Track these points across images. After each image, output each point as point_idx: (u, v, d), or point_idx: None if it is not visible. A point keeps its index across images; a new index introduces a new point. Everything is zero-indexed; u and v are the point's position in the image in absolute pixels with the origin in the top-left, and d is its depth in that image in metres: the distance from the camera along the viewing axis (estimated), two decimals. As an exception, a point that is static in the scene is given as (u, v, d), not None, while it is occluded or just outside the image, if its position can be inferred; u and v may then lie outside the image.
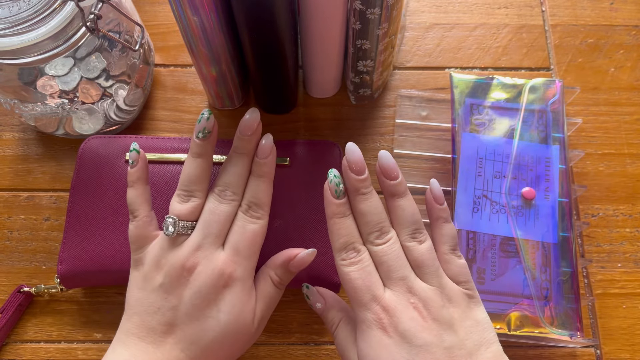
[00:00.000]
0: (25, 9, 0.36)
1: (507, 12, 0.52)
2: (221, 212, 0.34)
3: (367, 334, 0.31)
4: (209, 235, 0.33)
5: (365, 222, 0.32)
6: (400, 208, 0.33)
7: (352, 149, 0.32)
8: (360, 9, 0.36)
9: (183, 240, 0.34)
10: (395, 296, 0.31)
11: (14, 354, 0.41)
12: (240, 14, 0.36)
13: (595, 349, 0.41)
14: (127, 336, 0.32)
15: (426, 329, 0.30)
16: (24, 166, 0.46)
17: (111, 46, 0.42)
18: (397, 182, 0.33)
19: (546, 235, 0.41)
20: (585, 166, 0.46)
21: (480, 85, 0.45)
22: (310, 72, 0.45)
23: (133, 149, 0.35)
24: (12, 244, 0.44)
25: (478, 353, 0.30)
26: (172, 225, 0.33)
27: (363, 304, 0.31)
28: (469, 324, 0.31)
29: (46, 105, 0.42)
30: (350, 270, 0.31)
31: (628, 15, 0.52)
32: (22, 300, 0.41)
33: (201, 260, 0.33)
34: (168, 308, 0.32)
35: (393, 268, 0.31)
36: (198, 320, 0.32)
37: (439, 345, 0.29)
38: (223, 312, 0.32)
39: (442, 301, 0.31)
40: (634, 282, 0.43)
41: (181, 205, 0.34)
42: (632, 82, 0.49)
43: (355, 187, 0.32)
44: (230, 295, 0.33)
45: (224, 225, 0.34)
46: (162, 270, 0.33)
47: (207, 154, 0.35)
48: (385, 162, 0.33)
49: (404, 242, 0.32)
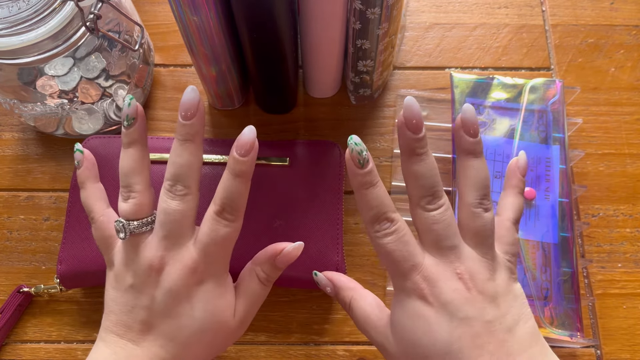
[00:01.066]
0: (25, 9, 0.35)
1: (507, 12, 0.52)
2: (174, 210, 0.31)
3: (404, 303, 0.30)
4: (169, 236, 0.31)
5: (419, 186, 0.30)
6: (474, 169, 0.30)
7: (411, 102, 0.29)
8: (360, 8, 0.36)
9: (144, 239, 0.32)
10: (439, 265, 0.29)
11: (13, 354, 0.41)
12: (240, 14, 0.36)
13: (595, 349, 0.41)
14: (107, 334, 0.32)
15: (469, 301, 0.29)
16: (24, 166, 0.46)
17: (111, 46, 0.42)
18: (477, 140, 0.30)
19: (546, 235, 0.41)
20: (586, 166, 0.46)
21: (480, 85, 0.45)
22: (310, 72, 0.45)
23: (77, 150, 0.34)
24: (12, 244, 0.44)
25: (517, 328, 0.29)
26: (122, 231, 0.31)
27: (402, 274, 0.30)
28: (510, 298, 0.30)
29: (46, 105, 0.42)
30: (387, 242, 0.30)
31: (628, 15, 0.52)
32: (21, 300, 0.41)
33: (169, 261, 0.31)
34: (141, 307, 0.31)
35: (443, 237, 0.30)
36: (173, 319, 0.31)
37: (479, 319, 0.28)
38: (197, 309, 0.31)
39: (490, 273, 0.30)
40: (634, 282, 0.43)
41: (125, 204, 0.32)
42: (632, 82, 0.49)
43: (412, 147, 0.30)
44: (202, 292, 0.32)
45: (181, 224, 0.31)
46: (130, 270, 0.32)
47: (136, 142, 0.32)
48: (469, 116, 0.30)
49: (469, 207, 0.30)
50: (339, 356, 0.41)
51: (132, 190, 0.32)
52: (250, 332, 0.41)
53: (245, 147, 0.31)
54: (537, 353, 0.29)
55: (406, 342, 0.30)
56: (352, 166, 0.30)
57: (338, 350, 0.41)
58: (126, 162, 0.32)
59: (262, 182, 0.42)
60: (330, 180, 0.41)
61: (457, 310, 0.28)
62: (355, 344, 0.41)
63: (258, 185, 0.42)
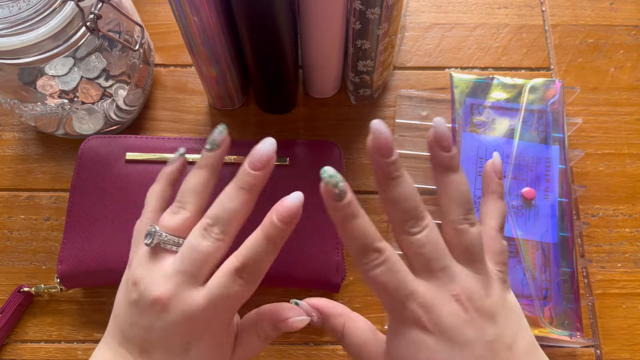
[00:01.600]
0: (25, 9, 0.36)
1: (507, 12, 0.52)
2: (202, 252, 0.30)
3: (402, 333, 0.29)
4: (186, 272, 0.30)
5: (400, 210, 0.29)
6: (455, 184, 0.29)
7: (379, 127, 0.27)
8: (360, 9, 0.36)
9: (166, 256, 0.31)
10: (434, 289, 0.28)
11: (14, 354, 0.41)
12: (240, 14, 0.36)
13: (595, 349, 0.41)
14: (111, 338, 0.31)
15: (468, 323, 0.28)
16: (24, 166, 0.46)
17: (111, 46, 0.42)
18: (452, 154, 0.29)
19: (546, 235, 0.41)
20: (585, 166, 0.46)
21: (480, 85, 0.45)
22: (310, 72, 0.45)
23: (178, 152, 0.35)
24: (12, 244, 0.44)
25: (516, 344, 0.28)
26: (151, 235, 0.31)
27: (398, 304, 0.28)
28: (506, 312, 0.29)
29: (46, 105, 0.42)
30: (377, 274, 0.28)
31: (628, 15, 0.52)
32: (22, 300, 0.41)
33: (173, 297, 0.30)
34: (141, 327, 0.30)
35: (433, 259, 0.28)
36: (167, 353, 0.30)
37: (480, 339, 0.28)
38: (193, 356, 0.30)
39: (485, 290, 0.29)
40: (634, 282, 0.43)
41: (169, 217, 0.31)
42: (632, 82, 0.49)
43: (386, 172, 0.28)
44: (198, 346, 0.30)
45: (202, 266, 0.30)
46: (138, 286, 0.31)
47: (210, 167, 0.32)
48: (441, 130, 0.29)
49: (455, 224, 0.29)
50: (339, 356, 0.41)
51: (184, 208, 0.31)
52: (251, 331, 0.41)
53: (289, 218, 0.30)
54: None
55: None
56: (330, 200, 0.28)
57: (338, 350, 0.41)
58: (193, 180, 0.32)
59: (262, 182, 0.42)
60: (330, 180, 0.41)
61: (457, 335, 0.28)
62: (355, 343, 0.41)
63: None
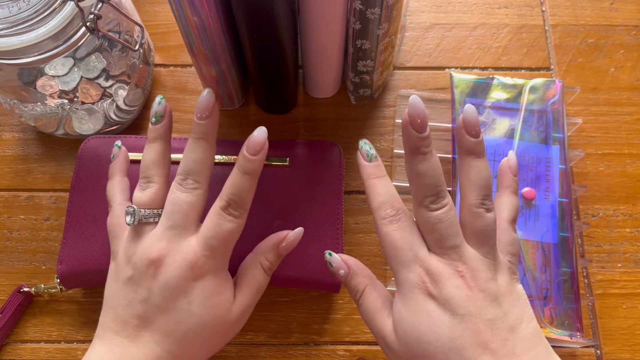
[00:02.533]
0: (25, 9, 0.36)
1: (507, 12, 0.52)
2: (183, 202, 0.32)
3: (407, 297, 0.30)
4: (174, 227, 0.32)
5: (423, 185, 0.30)
6: (477, 169, 0.31)
7: (416, 101, 0.29)
8: (360, 9, 0.36)
9: (149, 229, 0.33)
10: (442, 263, 0.30)
11: (14, 354, 0.41)
12: (240, 14, 0.36)
13: (595, 349, 0.41)
14: (105, 331, 0.32)
15: (471, 299, 0.29)
16: (24, 166, 0.46)
17: (111, 46, 0.42)
18: (478, 140, 0.31)
19: (546, 235, 0.41)
20: (585, 166, 0.46)
21: (480, 85, 0.45)
22: (310, 72, 0.45)
23: (115, 145, 0.38)
24: (12, 244, 0.44)
25: (519, 327, 0.29)
26: (131, 215, 0.32)
27: (405, 264, 0.30)
28: (512, 298, 0.30)
29: (46, 105, 0.42)
30: (392, 230, 0.30)
31: (628, 15, 0.52)
32: (22, 300, 0.41)
33: (169, 253, 0.32)
34: (138, 301, 0.31)
35: (445, 236, 0.30)
36: (169, 313, 0.31)
37: (481, 317, 0.28)
38: (195, 304, 0.31)
39: (491, 273, 0.30)
40: (634, 282, 0.43)
41: (140, 193, 0.33)
42: (632, 82, 0.49)
43: (416, 146, 0.30)
44: (201, 287, 0.32)
45: (188, 216, 0.32)
46: (131, 262, 0.32)
47: (161, 137, 0.34)
48: (471, 116, 0.30)
49: (471, 207, 0.30)
50: (339, 356, 0.41)
51: (151, 182, 0.33)
52: (250, 332, 0.41)
53: (256, 148, 0.32)
54: (541, 353, 0.29)
55: (409, 338, 0.29)
56: (361, 159, 0.33)
57: (338, 350, 0.41)
58: (149, 155, 0.34)
59: (262, 182, 0.41)
60: (330, 180, 0.41)
61: (459, 307, 0.29)
62: (355, 344, 0.41)
63: (258, 185, 0.41)
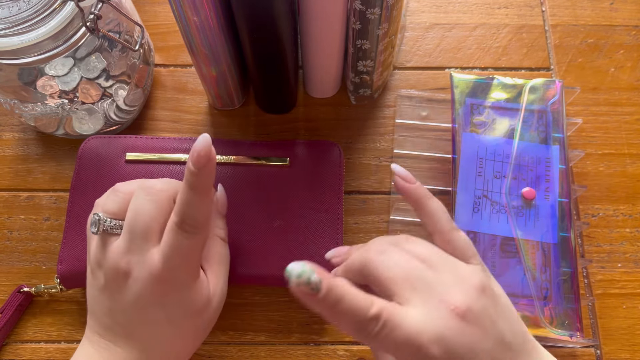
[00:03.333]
0: (25, 9, 0.36)
1: (507, 12, 0.52)
2: (143, 212, 0.30)
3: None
4: (136, 238, 0.30)
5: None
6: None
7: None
8: (360, 9, 0.36)
9: (115, 239, 0.31)
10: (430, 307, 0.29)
11: (14, 354, 0.41)
12: (240, 14, 0.36)
13: (595, 349, 0.41)
14: (92, 333, 0.32)
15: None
16: (24, 166, 0.46)
17: (111, 46, 0.42)
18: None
19: (546, 235, 0.41)
20: (585, 166, 0.46)
21: (480, 85, 0.45)
22: (310, 72, 0.45)
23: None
24: (12, 244, 0.44)
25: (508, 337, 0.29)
26: (96, 225, 0.31)
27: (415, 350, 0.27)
28: (497, 310, 0.29)
29: (46, 105, 0.42)
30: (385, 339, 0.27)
31: (628, 15, 0.52)
32: (22, 300, 0.41)
33: (134, 266, 0.30)
34: (117, 311, 0.31)
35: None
36: (147, 323, 0.31)
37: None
38: (172, 315, 0.31)
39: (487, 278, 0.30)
40: (634, 282, 0.43)
41: (109, 201, 0.32)
42: (632, 82, 0.49)
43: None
44: (175, 299, 0.31)
45: (149, 227, 0.30)
46: (102, 269, 0.31)
47: None
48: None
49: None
50: (339, 356, 0.41)
51: (119, 190, 0.33)
52: (250, 332, 0.41)
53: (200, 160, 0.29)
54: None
55: None
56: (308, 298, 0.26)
57: (338, 350, 0.41)
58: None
59: (262, 182, 0.42)
60: (330, 180, 0.42)
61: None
62: (356, 343, 0.41)
63: (258, 185, 0.42)
